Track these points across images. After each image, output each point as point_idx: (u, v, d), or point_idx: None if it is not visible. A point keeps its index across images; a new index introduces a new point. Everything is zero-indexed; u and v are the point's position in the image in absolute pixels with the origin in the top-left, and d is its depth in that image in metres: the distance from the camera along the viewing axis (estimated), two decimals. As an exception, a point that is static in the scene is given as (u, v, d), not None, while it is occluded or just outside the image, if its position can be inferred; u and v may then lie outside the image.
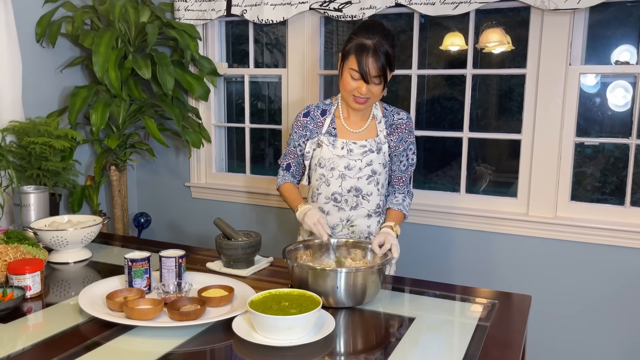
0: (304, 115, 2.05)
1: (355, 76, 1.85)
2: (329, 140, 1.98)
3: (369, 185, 1.97)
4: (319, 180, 2.00)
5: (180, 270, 1.66)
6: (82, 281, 1.84)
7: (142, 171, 3.43)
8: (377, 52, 1.80)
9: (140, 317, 1.43)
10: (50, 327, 1.45)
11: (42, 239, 1.95)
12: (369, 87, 1.85)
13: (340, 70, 1.91)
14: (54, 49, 2.87)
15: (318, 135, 2.01)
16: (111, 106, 2.70)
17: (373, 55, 1.80)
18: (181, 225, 3.37)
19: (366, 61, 1.81)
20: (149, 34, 2.61)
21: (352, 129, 1.99)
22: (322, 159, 1.98)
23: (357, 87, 1.86)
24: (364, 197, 1.98)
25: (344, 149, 1.96)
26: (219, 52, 3.15)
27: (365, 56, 1.81)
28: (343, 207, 1.99)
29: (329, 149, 1.97)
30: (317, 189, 2.02)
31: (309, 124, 2.03)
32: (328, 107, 2.05)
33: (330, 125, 2.01)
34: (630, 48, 2.46)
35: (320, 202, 2.01)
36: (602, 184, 2.69)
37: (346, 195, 1.98)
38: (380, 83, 1.86)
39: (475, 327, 1.49)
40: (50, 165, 2.44)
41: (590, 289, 2.43)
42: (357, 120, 2.00)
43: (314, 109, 2.05)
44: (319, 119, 2.03)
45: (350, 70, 1.85)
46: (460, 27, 2.79)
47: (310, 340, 1.35)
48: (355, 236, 2.01)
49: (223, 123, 3.27)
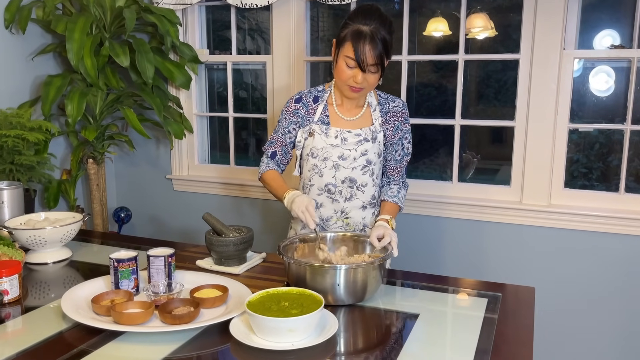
0: (296, 101, 1.94)
1: (351, 64, 1.76)
2: (321, 129, 1.89)
3: (363, 175, 1.90)
4: (312, 170, 1.92)
5: (170, 270, 1.57)
6: (62, 282, 1.73)
7: (121, 164, 3.29)
8: (374, 39, 1.71)
9: (130, 321, 1.33)
10: (31, 335, 1.35)
11: (18, 238, 1.83)
12: (365, 75, 1.76)
13: (334, 57, 1.81)
14: (24, 36, 2.71)
15: (310, 123, 1.92)
16: (88, 96, 2.56)
17: (370, 42, 1.71)
18: (163, 220, 3.26)
19: (363, 49, 1.72)
20: (127, 19, 2.48)
21: (346, 116, 1.91)
22: (315, 149, 1.89)
23: (352, 75, 1.77)
24: (358, 188, 1.90)
25: (338, 137, 1.88)
26: (199, 38, 3.03)
27: (362, 43, 1.71)
28: (337, 199, 1.91)
29: (322, 137, 1.88)
30: (309, 180, 1.93)
31: (300, 110, 1.93)
32: (320, 94, 1.95)
33: (323, 113, 1.92)
34: (623, 32, 2.43)
35: (312, 194, 1.93)
36: (588, 170, 2.67)
37: (340, 186, 1.90)
38: (377, 72, 1.77)
39: (482, 322, 1.44)
40: (23, 159, 2.31)
41: (585, 276, 2.41)
42: (352, 107, 1.92)
43: (306, 95, 1.95)
44: (311, 105, 1.93)
45: (346, 58, 1.76)
46: (446, 12, 2.73)
47: (313, 343, 1.27)
48: (350, 228, 1.93)
49: (205, 112, 3.15)
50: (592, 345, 2.44)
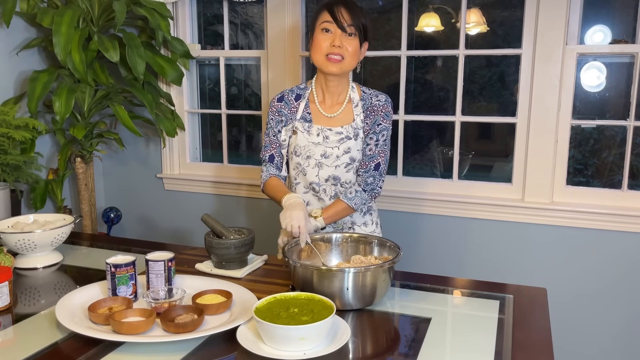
0: (278, 100, 1.91)
1: (329, 28, 1.75)
2: (303, 127, 1.85)
3: (347, 173, 1.85)
4: (296, 169, 1.89)
5: (170, 275, 1.49)
6: (53, 288, 1.65)
7: (110, 162, 3.19)
8: (348, 4, 1.74)
9: (131, 331, 1.26)
10: (24, 346, 1.26)
11: (6, 242, 1.74)
12: (344, 39, 1.74)
13: (311, 40, 1.80)
14: (8, 30, 2.60)
15: (292, 121, 1.88)
16: (76, 92, 2.46)
17: (344, 5, 1.74)
18: (154, 220, 3.17)
19: (339, 10, 1.73)
20: (117, 13, 2.38)
21: (327, 113, 1.86)
22: (298, 147, 1.85)
23: (331, 41, 1.74)
24: (342, 186, 1.87)
25: (320, 135, 1.83)
26: (190, 32, 2.94)
27: (336, 7, 1.74)
28: (322, 197, 1.88)
29: (304, 135, 1.84)
30: (294, 179, 1.91)
31: (283, 109, 1.89)
32: (302, 91, 1.91)
33: (304, 111, 1.88)
34: (625, 27, 2.39)
35: (299, 192, 1.90)
36: (584, 167, 2.65)
37: (324, 185, 1.86)
38: (356, 36, 1.75)
39: (496, 325, 1.39)
40: (10, 159, 2.20)
41: (588, 274, 2.38)
42: (333, 104, 1.87)
43: (288, 93, 1.91)
44: (293, 104, 1.89)
45: (323, 24, 1.75)
46: (440, 6, 2.69)
47: (326, 352, 1.21)
48: (338, 227, 1.91)
49: (197, 109, 3.06)
50: (595, 342, 2.42)
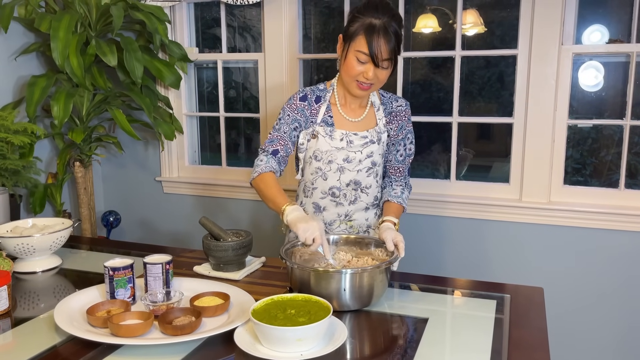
0: (301, 99, 1.83)
1: (362, 59, 1.67)
2: (325, 131, 1.80)
3: (368, 177, 1.84)
4: (315, 174, 1.84)
5: (168, 277, 1.50)
6: (52, 292, 1.66)
7: (109, 166, 3.20)
8: (387, 33, 1.64)
9: (129, 333, 1.26)
10: (23, 350, 1.27)
11: (5, 246, 1.74)
12: (376, 71, 1.69)
13: (343, 53, 1.72)
14: (6, 35, 2.61)
15: (313, 124, 1.83)
16: (74, 97, 2.47)
17: (384, 35, 1.64)
18: (153, 223, 3.17)
19: (377, 42, 1.64)
20: (115, 17, 2.39)
21: (350, 117, 1.83)
22: (319, 151, 1.81)
23: (363, 71, 1.69)
24: (362, 190, 1.85)
25: (344, 140, 1.80)
26: (188, 36, 2.95)
27: (376, 37, 1.63)
28: (341, 202, 1.85)
29: (326, 140, 1.80)
30: (312, 184, 1.86)
31: (305, 109, 1.82)
32: (322, 93, 1.85)
33: (326, 114, 1.83)
34: (621, 27, 2.40)
35: (315, 197, 1.86)
36: (582, 166, 2.65)
37: (345, 190, 1.83)
38: (389, 67, 1.70)
39: (493, 325, 1.39)
40: (8, 163, 2.21)
41: (586, 273, 2.39)
42: (355, 107, 1.84)
43: (310, 93, 1.84)
44: (314, 105, 1.83)
45: (357, 53, 1.67)
46: (437, 8, 2.70)
47: (323, 352, 1.21)
48: (354, 231, 1.88)
49: (195, 112, 3.07)
50: (593, 341, 2.42)
